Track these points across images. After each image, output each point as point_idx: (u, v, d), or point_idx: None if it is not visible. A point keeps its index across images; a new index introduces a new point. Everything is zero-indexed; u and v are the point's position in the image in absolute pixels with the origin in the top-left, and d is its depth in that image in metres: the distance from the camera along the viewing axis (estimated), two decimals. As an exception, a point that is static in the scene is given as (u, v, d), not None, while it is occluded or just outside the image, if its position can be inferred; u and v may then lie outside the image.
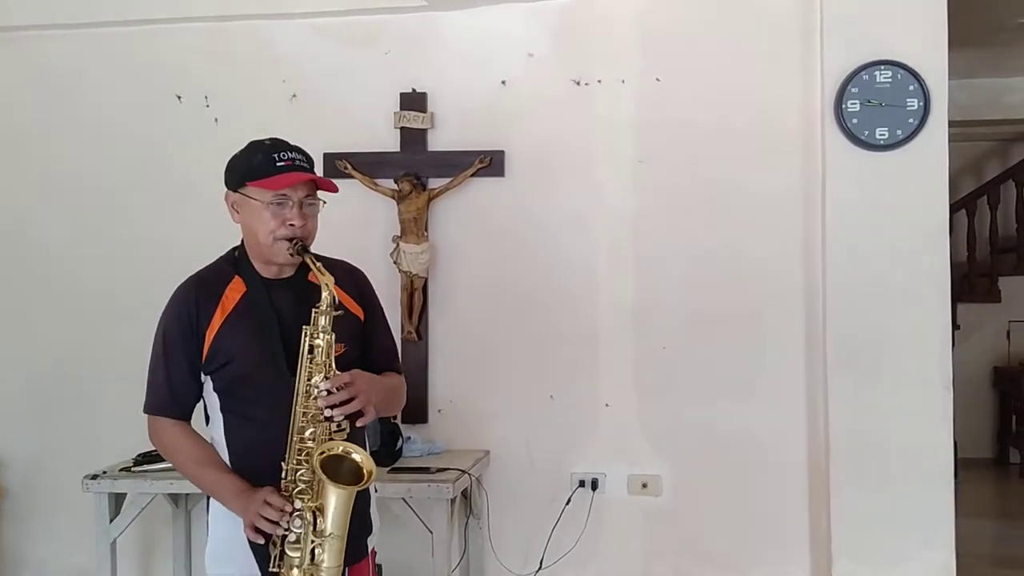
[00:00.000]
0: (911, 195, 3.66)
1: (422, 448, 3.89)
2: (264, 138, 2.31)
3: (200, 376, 2.27)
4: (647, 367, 3.98)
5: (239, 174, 2.26)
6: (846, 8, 3.70)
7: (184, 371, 2.26)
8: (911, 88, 3.64)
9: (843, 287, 3.70)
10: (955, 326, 6.08)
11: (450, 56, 4.08)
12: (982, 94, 6.51)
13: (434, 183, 4.04)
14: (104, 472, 3.66)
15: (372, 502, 2.41)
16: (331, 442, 2.15)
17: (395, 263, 3.99)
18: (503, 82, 4.05)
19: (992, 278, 7.46)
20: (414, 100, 4.07)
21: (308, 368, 2.17)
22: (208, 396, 2.30)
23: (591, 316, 4.02)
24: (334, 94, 4.13)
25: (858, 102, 3.66)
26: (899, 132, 3.65)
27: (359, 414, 2.18)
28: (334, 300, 2.19)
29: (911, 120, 3.64)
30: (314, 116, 4.07)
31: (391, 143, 4.10)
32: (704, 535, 3.95)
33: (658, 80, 3.96)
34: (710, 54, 3.92)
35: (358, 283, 2.42)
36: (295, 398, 2.17)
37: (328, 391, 2.14)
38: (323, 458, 2.11)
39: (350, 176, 4.00)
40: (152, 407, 2.31)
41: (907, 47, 3.65)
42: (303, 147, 2.32)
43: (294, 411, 2.17)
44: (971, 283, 7.39)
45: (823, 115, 3.73)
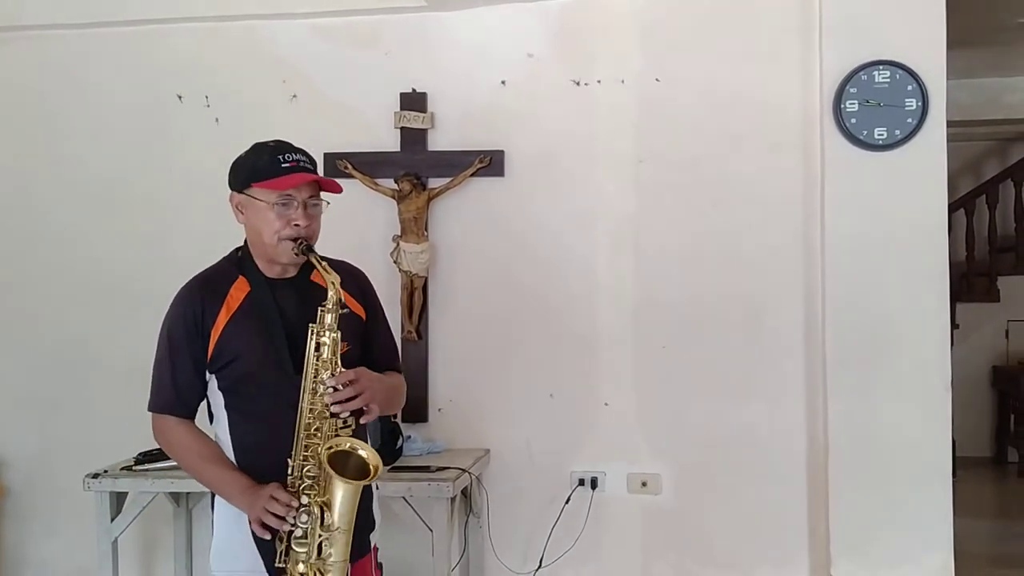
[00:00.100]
0: (910, 195, 3.66)
1: (422, 447, 3.89)
2: (269, 140, 2.33)
3: (205, 375, 2.29)
4: (647, 366, 3.99)
5: (244, 175, 2.28)
6: (845, 8, 3.70)
7: (189, 369, 2.28)
8: (910, 88, 3.64)
9: (842, 287, 3.71)
10: (954, 325, 6.08)
11: (450, 56, 4.09)
12: (981, 94, 6.51)
13: (434, 183, 4.05)
14: (105, 471, 3.66)
15: (374, 499, 2.43)
16: (338, 438, 2.18)
17: (395, 263, 4.00)
18: (503, 82, 4.06)
19: (991, 277, 7.46)
20: (414, 100, 4.08)
21: (315, 365, 2.19)
22: (212, 394, 2.32)
23: (591, 315, 4.03)
24: (334, 94, 4.13)
25: (857, 102, 3.67)
26: (898, 132, 3.66)
27: (363, 411, 2.20)
28: (340, 298, 2.22)
29: (910, 120, 3.65)
30: (314, 116, 4.07)
31: (391, 143, 4.10)
32: (703, 534, 3.96)
33: (658, 80, 3.97)
34: (709, 54, 3.93)
35: (360, 283, 2.44)
36: (302, 395, 2.19)
37: (334, 388, 2.16)
38: (330, 453, 2.14)
39: (350, 176, 4.01)
40: (157, 405, 2.33)
41: (906, 47, 3.66)
42: (303, 147, 2.34)
43: (301, 408, 2.19)
44: (970, 282, 7.39)
45: (822, 115, 3.74)
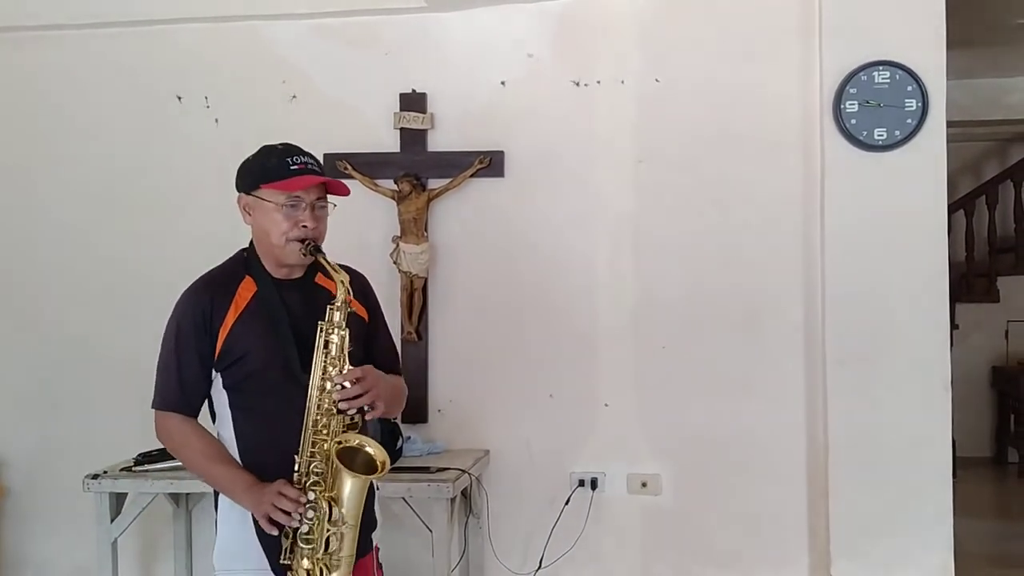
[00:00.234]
0: (909, 195, 3.67)
1: (422, 448, 3.89)
2: (276, 143, 2.36)
3: (211, 373, 2.30)
4: (646, 366, 3.99)
5: (254, 176, 2.30)
6: (845, 9, 3.70)
7: (196, 367, 2.29)
8: (909, 88, 3.65)
9: (842, 287, 3.71)
10: (953, 326, 6.08)
11: (450, 57, 4.09)
12: (981, 94, 6.52)
13: (434, 183, 4.05)
14: (105, 472, 3.66)
15: (375, 498, 2.44)
16: (346, 434, 2.20)
17: (395, 263, 4.00)
18: (503, 83, 4.06)
19: (990, 278, 7.47)
20: (414, 101, 4.08)
21: (323, 362, 2.21)
22: (216, 394, 2.33)
23: (591, 316, 4.03)
24: (334, 95, 4.13)
25: (856, 102, 3.67)
26: (897, 132, 3.66)
27: (369, 408, 2.22)
28: (348, 297, 2.24)
29: (909, 120, 3.65)
30: (314, 117, 4.07)
31: (391, 143, 4.10)
32: (703, 534, 3.96)
33: (657, 81, 3.97)
34: (709, 55, 3.93)
35: (361, 286, 2.46)
36: (309, 391, 2.21)
37: (342, 385, 2.18)
38: (339, 448, 2.16)
39: (350, 176, 4.00)
40: (162, 403, 2.33)
41: (905, 48, 3.66)
42: (304, 148, 2.35)
43: (308, 405, 2.20)
44: (969, 283, 7.40)
45: (822, 115, 3.74)
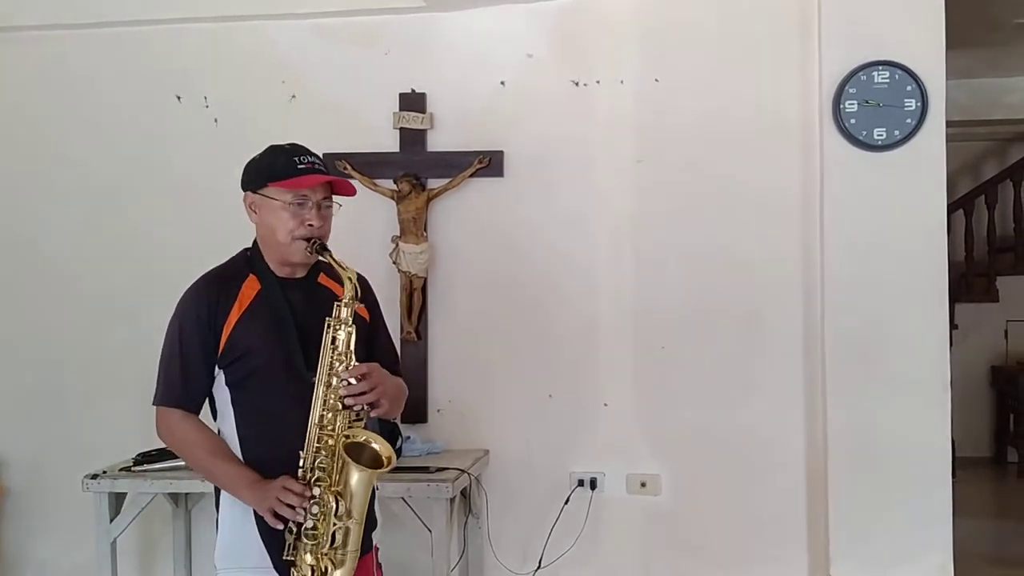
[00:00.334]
0: (909, 195, 3.67)
1: (421, 448, 3.89)
2: (284, 143, 2.37)
3: (213, 370, 2.30)
4: (646, 366, 3.99)
5: (261, 175, 2.31)
6: (844, 9, 3.70)
7: (199, 363, 2.29)
8: (909, 88, 3.65)
9: (841, 287, 3.71)
10: (953, 326, 6.08)
11: (449, 57, 4.09)
12: (980, 94, 6.52)
13: (433, 183, 4.05)
14: (104, 472, 3.66)
15: (375, 498, 2.43)
16: (353, 429, 2.20)
17: (394, 263, 4.00)
18: (502, 83, 4.06)
19: (990, 278, 7.47)
20: (413, 100, 4.08)
21: (330, 358, 2.21)
22: (218, 391, 2.33)
23: (590, 316, 4.03)
24: (333, 95, 4.13)
25: (856, 102, 3.67)
26: (897, 132, 3.66)
27: (374, 405, 2.23)
28: (356, 293, 2.25)
29: (909, 120, 3.65)
30: (313, 116, 4.07)
31: (390, 143, 4.10)
32: (702, 534, 3.95)
33: (657, 81, 3.97)
34: (708, 55, 3.92)
35: (363, 287, 2.46)
36: (316, 387, 2.21)
37: (348, 381, 2.19)
38: (346, 443, 2.17)
39: (349, 176, 4.00)
40: (165, 399, 2.32)
41: (905, 47, 3.66)
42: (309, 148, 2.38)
43: (314, 401, 2.21)
44: (969, 283, 7.40)
45: (821, 115, 3.74)
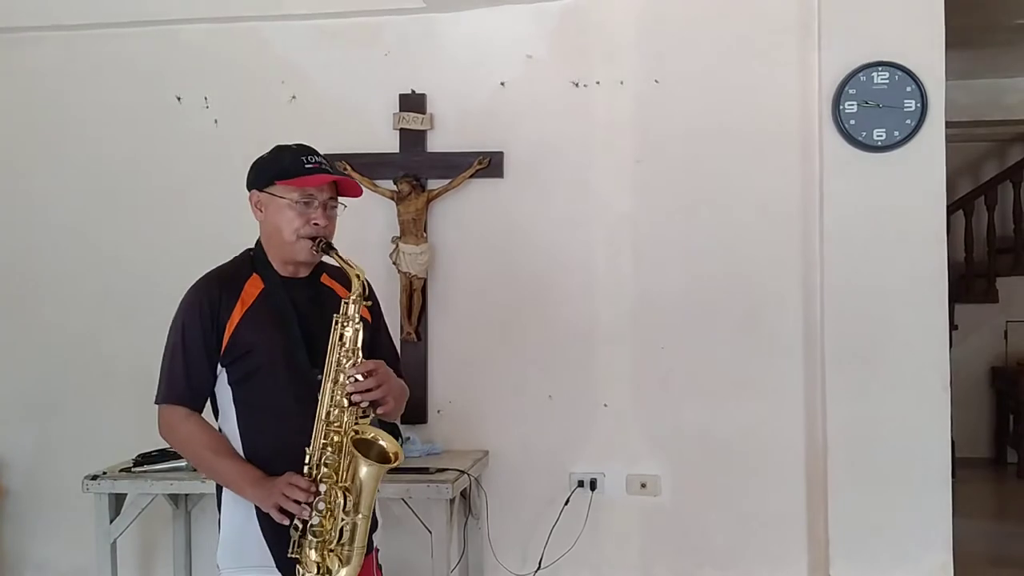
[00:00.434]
0: (909, 196, 3.67)
1: (421, 448, 3.89)
2: (290, 143, 2.38)
3: (216, 368, 2.30)
4: (645, 367, 3.99)
5: (269, 173, 2.32)
6: (844, 9, 3.71)
7: (202, 360, 2.28)
8: (908, 89, 3.65)
9: (841, 287, 3.71)
10: (953, 326, 6.07)
11: (449, 58, 4.09)
12: (980, 95, 6.52)
13: (433, 184, 4.05)
14: (104, 473, 3.66)
15: (375, 500, 2.42)
16: (360, 425, 2.20)
17: (394, 264, 4.00)
18: (502, 83, 4.06)
19: (990, 278, 7.47)
20: (413, 101, 4.08)
21: (337, 355, 2.21)
22: (220, 390, 2.32)
23: (589, 316, 4.03)
24: (333, 95, 4.13)
25: (856, 103, 3.67)
26: (896, 133, 3.66)
27: (379, 402, 2.23)
28: (365, 291, 2.26)
29: (908, 121, 3.65)
30: (313, 117, 4.07)
31: (390, 144, 4.10)
32: (702, 535, 3.96)
33: (656, 82, 3.97)
34: (708, 56, 3.93)
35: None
36: (324, 383, 2.21)
37: (356, 377, 2.19)
38: (354, 439, 2.17)
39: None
40: (168, 397, 2.32)
41: (904, 48, 3.66)
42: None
43: (322, 397, 2.20)
44: (969, 283, 7.40)
45: (821, 116, 3.74)
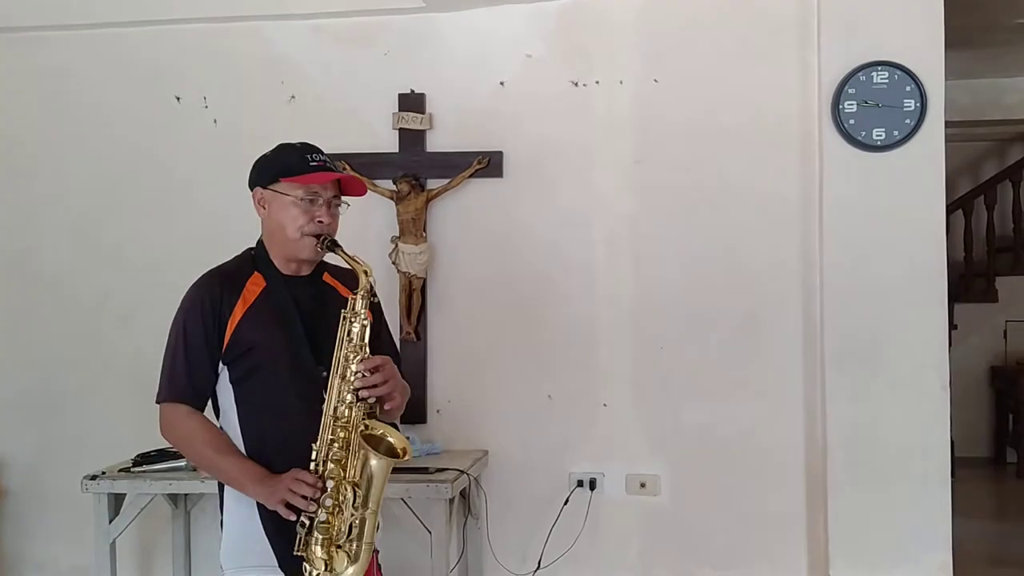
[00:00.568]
0: (908, 195, 3.67)
1: (421, 448, 3.89)
2: (294, 141, 2.38)
3: (218, 366, 2.29)
4: (645, 367, 3.99)
5: (273, 170, 2.31)
6: (843, 9, 3.71)
7: (204, 358, 2.27)
8: (908, 89, 3.65)
9: (840, 287, 3.71)
10: (952, 326, 6.06)
11: (449, 57, 4.09)
12: (979, 95, 6.52)
13: (432, 184, 4.05)
14: (103, 472, 3.66)
15: None
16: (369, 420, 2.20)
17: (394, 264, 4.00)
18: (501, 83, 4.06)
19: (989, 278, 7.47)
20: (412, 101, 4.08)
21: (345, 351, 2.21)
22: (221, 389, 2.31)
23: (589, 316, 4.03)
24: (333, 95, 4.13)
25: (855, 103, 3.68)
26: (896, 133, 3.67)
27: (385, 398, 2.23)
28: (372, 287, 2.26)
29: (908, 121, 3.66)
30: (313, 117, 4.06)
31: (390, 144, 4.10)
32: (702, 535, 3.95)
33: (656, 81, 3.97)
34: (708, 55, 3.92)
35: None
36: (331, 379, 2.21)
37: (363, 373, 2.19)
38: (364, 434, 2.17)
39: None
40: (169, 395, 2.30)
41: (904, 48, 3.66)
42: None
43: (329, 393, 2.20)
44: (968, 283, 7.40)
45: (820, 116, 3.74)
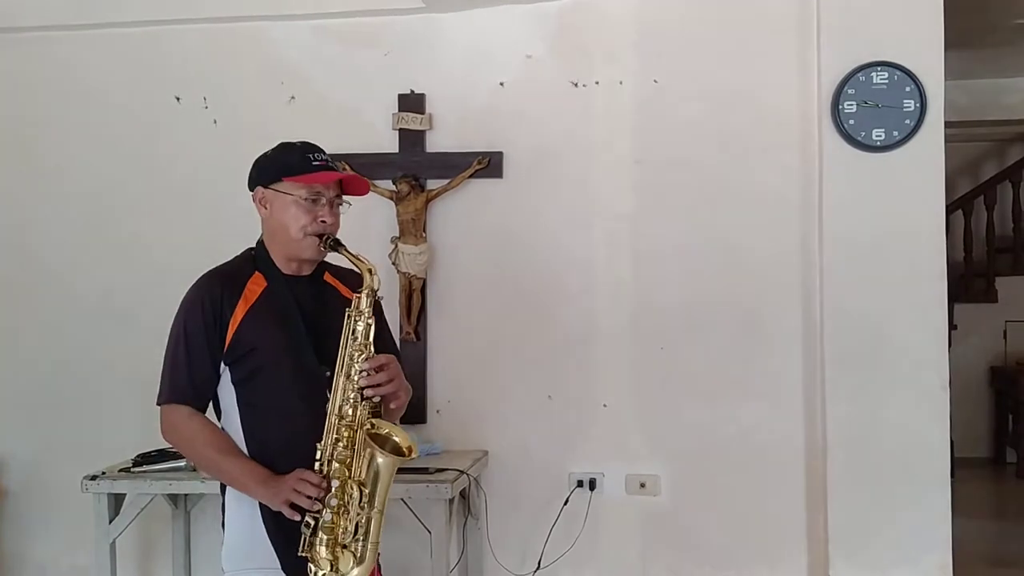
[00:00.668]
0: (908, 196, 3.67)
1: (420, 448, 3.88)
2: (295, 141, 2.37)
3: (219, 367, 2.28)
4: (645, 367, 3.99)
5: (275, 170, 2.30)
6: (843, 9, 3.71)
7: (206, 358, 2.27)
8: (907, 89, 3.65)
9: (840, 287, 3.71)
10: (952, 326, 6.06)
11: (449, 58, 4.09)
12: (979, 95, 6.52)
13: (432, 184, 4.05)
14: (103, 473, 3.66)
15: None
16: (375, 419, 2.20)
17: (394, 264, 4.00)
18: (501, 83, 4.06)
19: (989, 278, 7.47)
20: (412, 101, 4.08)
21: (350, 349, 2.21)
22: (223, 390, 2.31)
23: (589, 316, 4.03)
24: (333, 95, 4.13)
25: (855, 103, 3.68)
26: (896, 133, 3.67)
27: (391, 397, 2.24)
28: (376, 285, 2.26)
29: (907, 121, 3.66)
30: (313, 117, 4.06)
31: (390, 144, 4.10)
32: (702, 535, 3.96)
33: (656, 81, 3.97)
34: (707, 56, 3.93)
35: None
36: (336, 378, 2.21)
37: (368, 372, 2.19)
38: (370, 432, 2.17)
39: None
40: (171, 396, 2.29)
41: (903, 48, 3.66)
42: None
43: (334, 392, 2.20)
44: (968, 283, 7.40)
45: (820, 116, 3.74)
